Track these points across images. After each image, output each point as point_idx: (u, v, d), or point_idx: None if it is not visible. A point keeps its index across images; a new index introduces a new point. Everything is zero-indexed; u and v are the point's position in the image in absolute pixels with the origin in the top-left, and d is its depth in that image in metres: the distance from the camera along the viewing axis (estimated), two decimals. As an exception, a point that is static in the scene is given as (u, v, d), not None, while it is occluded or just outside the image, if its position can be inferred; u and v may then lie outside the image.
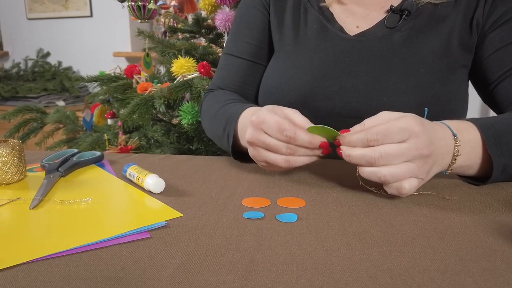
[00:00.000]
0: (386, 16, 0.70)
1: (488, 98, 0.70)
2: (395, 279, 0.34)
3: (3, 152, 0.55)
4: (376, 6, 0.72)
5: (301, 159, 0.52)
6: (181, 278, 0.34)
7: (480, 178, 0.55)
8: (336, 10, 0.73)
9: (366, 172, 0.47)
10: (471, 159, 0.52)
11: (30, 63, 3.21)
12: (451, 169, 0.51)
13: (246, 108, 0.63)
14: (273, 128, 0.50)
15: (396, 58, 0.67)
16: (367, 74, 0.67)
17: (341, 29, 0.71)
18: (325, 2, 0.74)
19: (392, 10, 0.69)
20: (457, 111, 0.68)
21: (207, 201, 0.50)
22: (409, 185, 0.46)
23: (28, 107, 1.46)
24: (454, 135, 0.50)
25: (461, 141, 0.50)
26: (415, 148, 0.45)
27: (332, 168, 0.62)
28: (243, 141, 0.61)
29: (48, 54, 3.23)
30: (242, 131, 0.61)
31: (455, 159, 0.50)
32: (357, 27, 0.71)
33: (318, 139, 0.50)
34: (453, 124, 0.52)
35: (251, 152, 0.55)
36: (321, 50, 0.70)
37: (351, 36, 0.70)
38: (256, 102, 0.79)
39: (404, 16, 0.68)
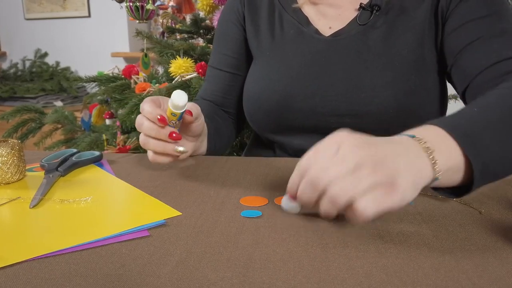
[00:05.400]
0: (357, 14, 0.71)
1: (449, 76, 0.69)
2: (390, 275, 0.35)
3: (3, 152, 0.56)
4: (347, 6, 0.73)
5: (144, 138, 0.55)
6: (180, 275, 0.35)
7: (463, 188, 0.44)
8: (309, 13, 0.75)
9: (322, 207, 0.39)
10: (451, 156, 0.41)
11: (28, 64, 3.20)
12: (439, 172, 0.40)
13: None
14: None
15: (371, 54, 0.68)
16: (345, 72, 0.68)
17: (316, 31, 0.73)
18: (297, 3, 0.75)
19: (362, 7, 0.71)
20: (436, 103, 0.69)
21: (205, 200, 0.51)
22: (366, 202, 0.36)
23: (26, 107, 1.46)
24: (411, 136, 0.42)
25: (423, 138, 0.41)
26: (349, 150, 0.38)
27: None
28: None
29: (46, 54, 3.23)
30: None
31: (432, 156, 0.40)
32: (330, 28, 0.73)
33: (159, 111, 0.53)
34: (407, 132, 0.44)
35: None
36: (298, 53, 0.72)
37: (326, 36, 0.72)
38: (237, 111, 0.82)
39: (375, 12, 0.69)
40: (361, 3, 0.71)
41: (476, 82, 0.62)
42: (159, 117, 0.52)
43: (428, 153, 0.40)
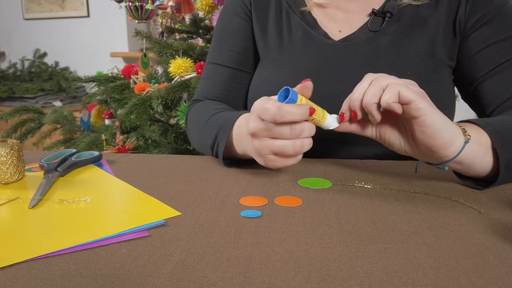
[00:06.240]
0: (369, 20, 0.70)
1: (469, 96, 0.71)
2: (390, 275, 0.35)
3: (2, 152, 0.55)
4: (357, 10, 0.72)
5: (306, 141, 0.50)
6: (179, 275, 0.35)
7: (484, 181, 0.54)
8: (318, 15, 0.73)
9: (384, 99, 0.47)
10: (481, 145, 0.51)
11: (27, 64, 3.20)
12: (469, 137, 0.50)
13: (242, 114, 0.61)
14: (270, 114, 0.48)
15: (382, 61, 0.67)
16: (354, 78, 0.66)
17: (325, 34, 0.71)
18: (305, 6, 0.74)
19: (374, 13, 0.69)
20: (445, 110, 0.69)
21: (205, 200, 0.51)
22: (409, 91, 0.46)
23: (25, 108, 1.46)
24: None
25: (465, 128, 0.51)
26: (401, 80, 0.48)
27: (329, 167, 0.63)
28: (239, 148, 0.59)
29: (45, 54, 3.23)
30: (238, 137, 0.59)
31: (464, 128, 0.50)
32: (340, 31, 0.71)
33: (306, 106, 0.49)
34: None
35: (256, 144, 0.51)
36: (306, 57, 0.70)
37: (335, 41, 0.70)
38: (242, 109, 0.78)
39: (387, 19, 0.68)
40: (373, 9, 0.70)
41: (507, 105, 0.64)
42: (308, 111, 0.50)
43: (460, 125, 0.51)
